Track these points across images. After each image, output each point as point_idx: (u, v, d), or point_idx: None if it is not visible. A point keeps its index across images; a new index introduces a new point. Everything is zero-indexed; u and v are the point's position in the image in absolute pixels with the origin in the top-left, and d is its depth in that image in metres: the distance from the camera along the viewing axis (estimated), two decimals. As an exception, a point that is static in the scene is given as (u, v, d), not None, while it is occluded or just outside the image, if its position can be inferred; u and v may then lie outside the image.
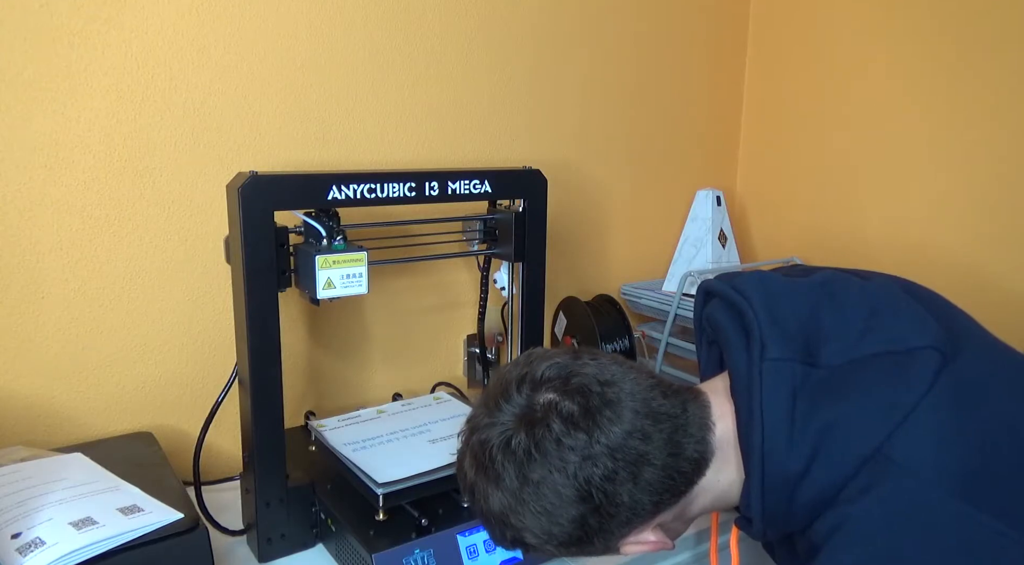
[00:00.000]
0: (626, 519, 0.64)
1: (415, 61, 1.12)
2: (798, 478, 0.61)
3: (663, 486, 0.63)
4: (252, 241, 0.76)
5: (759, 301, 0.67)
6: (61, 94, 0.89)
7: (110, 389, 0.97)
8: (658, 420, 0.64)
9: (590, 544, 0.65)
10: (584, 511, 0.62)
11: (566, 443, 0.61)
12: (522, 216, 0.96)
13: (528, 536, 0.65)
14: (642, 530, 0.66)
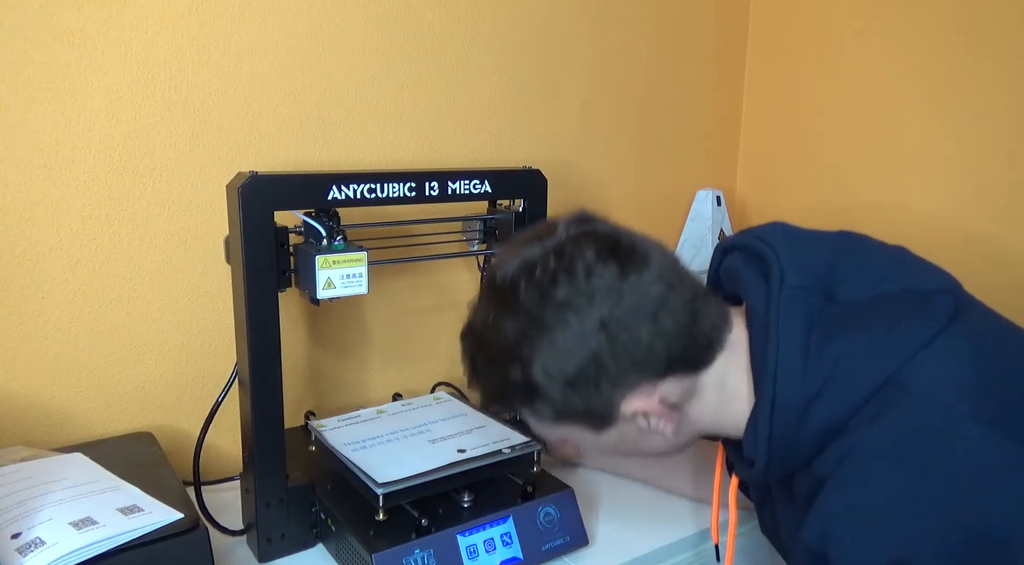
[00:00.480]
0: (638, 364, 0.62)
1: (415, 61, 1.12)
2: (809, 401, 0.60)
3: (679, 343, 0.63)
4: (252, 241, 0.76)
5: (781, 244, 0.67)
6: (61, 94, 0.89)
7: (110, 389, 0.97)
8: (683, 281, 0.64)
9: (596, 391, 0.63)
10: (601, 343, 0.61)
11: (596, 271, 0.61)
12: (522, 216, 0.96)
13: (536, 372, 0.62)
14: (649, 392, 0.64)
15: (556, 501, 0.86)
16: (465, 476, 0.83)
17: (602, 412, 0.65)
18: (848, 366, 0.60)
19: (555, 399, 0.64)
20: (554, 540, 0.85)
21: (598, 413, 0.65)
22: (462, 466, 0.83)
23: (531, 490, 0.86)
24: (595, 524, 0.92)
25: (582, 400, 0.64)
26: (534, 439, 0.90)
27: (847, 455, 0.58)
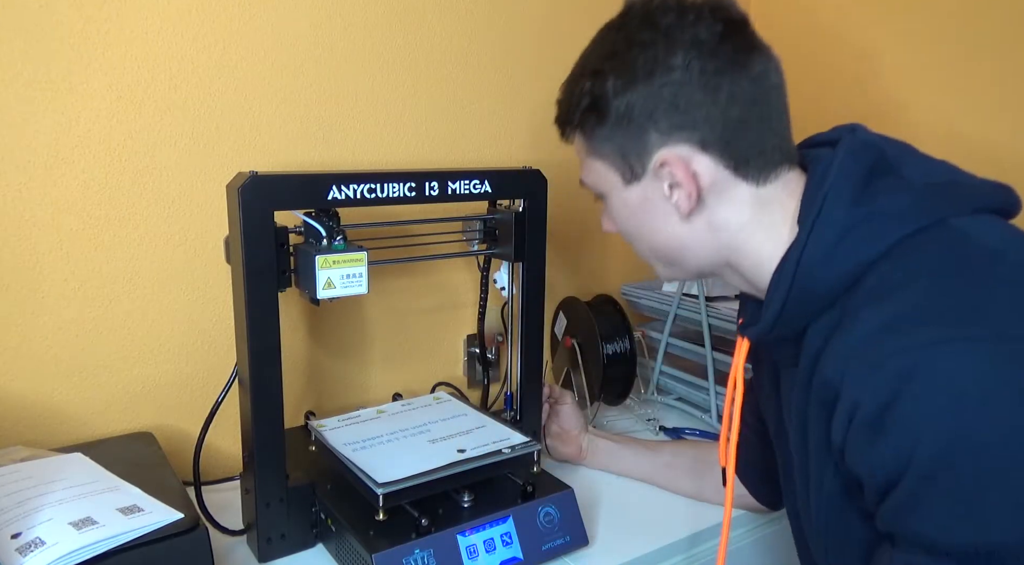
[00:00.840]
0: (689, 122, 0.63)
1: (415, 61, 1.12)
2: (848, 231, 0.59)
3: (734, 130, 0.63)
4: (252, 241, 0.76)
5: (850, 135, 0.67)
6: (61, 94, 0.89)
7: (110, 389, 0.97)
8: (768, 100, 0.65)
9: (641, 130, 0.64)
10: (668, 85, 0.63)
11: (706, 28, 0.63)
12: (522, 216, 0.96)
13: (604, 87, 0.66)
14: (686, 155, 0.64)
15: (556, 501, 0.86)
16: (465, 476, 0.83)
17: (638, 154, 0.66)
18: (895, 209, 0.59)
19: (606, 123, 0.67)
20: (554, 540, 0.85)
21: (635, 154, 0.66)
22: (462, 466, 0.83)
23: (531, 490, 0.86)
24: (595, 524, 0.92)
25: (626, 134, 0.66)
26: (534, 439, 0.90)
27: (883, 276, 0.57)
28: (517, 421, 1.02)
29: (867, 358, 0.54)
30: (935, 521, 0.52)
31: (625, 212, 0.72)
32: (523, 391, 1.02)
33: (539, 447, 0.89)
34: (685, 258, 0.71)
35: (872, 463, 0.54)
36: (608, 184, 0.71)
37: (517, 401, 1.03)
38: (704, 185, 0.65)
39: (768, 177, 0.66)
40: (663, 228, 0.69)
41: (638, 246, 0.75)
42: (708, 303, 1.25)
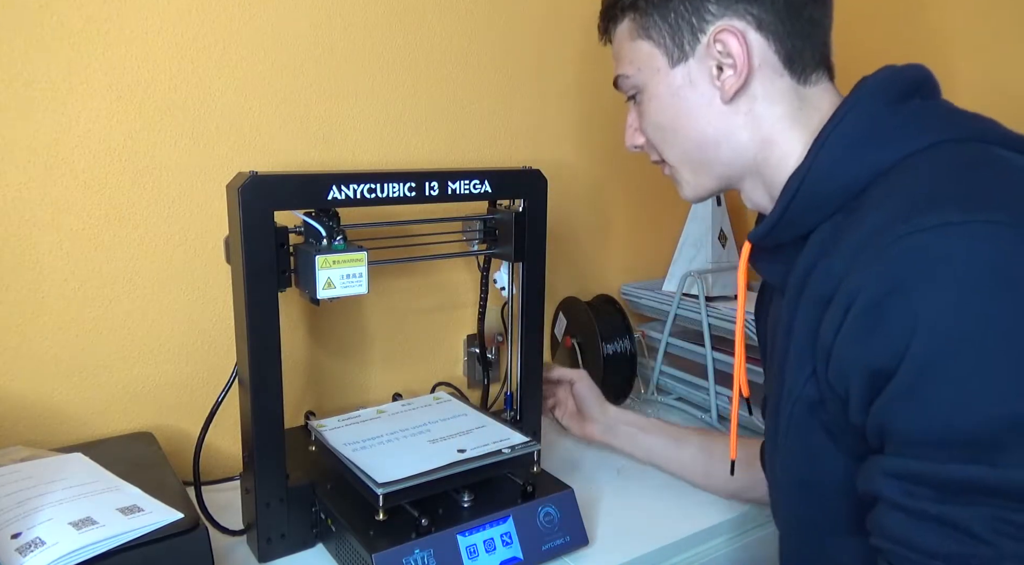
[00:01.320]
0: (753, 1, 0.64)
1: (415, 61, 1.12)
2: (886, 128, 0.59)
3: (791, 26, 0.64)
4: (252, 241, 0.76)
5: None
6: (61, 94, 0.89)
7: (110, 389, 0.97)
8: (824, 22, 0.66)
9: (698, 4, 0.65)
10: None
11: None
12: (522, 216, 0.96)
13: None
14: (742, 30, 0.64)
15: (556, 501, 0.86)
16: (465, 476, 0.83)
17: (693, 27, 0.66)
18: (922, 121, 0.58)
19: (663, 2, 0.67)
20: (554, 540, 0.85)
21: (689, 27, 0.66)
22: (462, 466, 0.83)
23: (531, 490, 0.86)
24: (595, 524, 0.92)
25: (685, 10, 0.66)
26: (534, 439, 0.90)
27: (893, 182, 0.56)
28: (517, 421, 1.02)
29: (876, 245, 0.51)
30: (931, 411, 0.49)
31: (665, 100, 0.70)
32: (523, 391, 1.02)
33: (539, 447, 0.89)
34: (717, 155, 0.69)
35: (868, 354, 0.51)
36: (651, 69, 0.70)
37: (517, 401, 1.03)
38: (754, 64, 0.65)
39: (810, 78, 0.66)
40: (702, 116, 0.68)
41: (669, 144, 0.72)
42: (708, 303, 1.25)
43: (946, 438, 0.48)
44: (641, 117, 0.74)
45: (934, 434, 0.49)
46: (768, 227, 0.66)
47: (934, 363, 0.48)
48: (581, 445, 1.17)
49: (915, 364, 0.49)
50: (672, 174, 0.76)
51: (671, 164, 0.74)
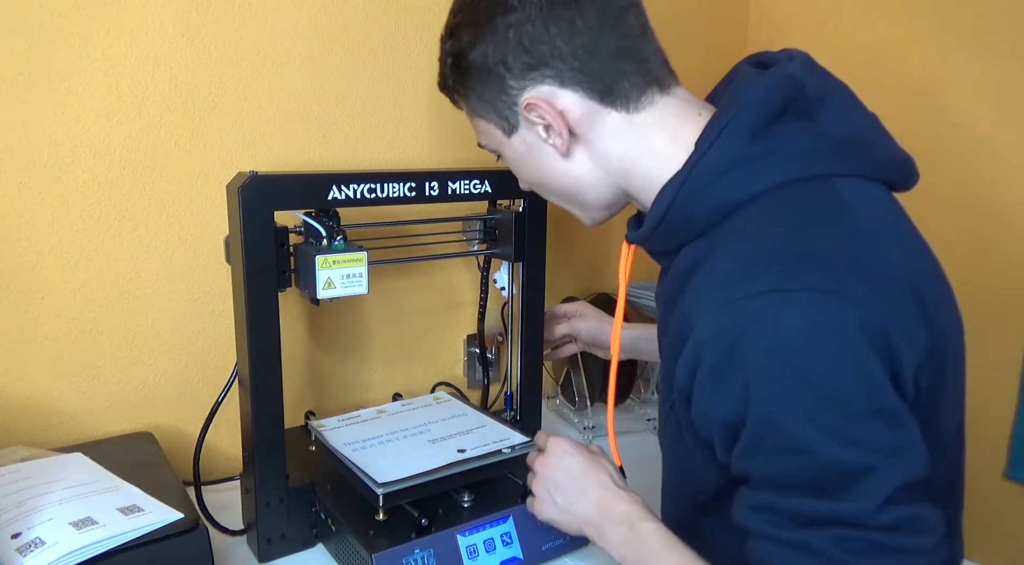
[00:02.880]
0: (541, 60, 0.64)
1: (415, 61, 1.12)
2: (745, 162, 0.61)
3: (580, 55, 0.64)
4: (252, 241, 0.76)
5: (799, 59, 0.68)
6: (61, 94, 0.89)
7: (110, 389, 0.97)
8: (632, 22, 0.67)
9: (502, 82, 0.66)
10: (513, 9, 0.64)
11: None
12: (522, 216, 0.96)
13: (461, 49, 0.68)
14: (550, 96, 0.65)
15: (556, 501, 0.86)
16: (465, 476, 0.83)
17: (506, 103, 0.68)
18: (785, 155, 0.61)
19: (471, 80, 0.69)
20: (554, 540, 0.85)
21: (504, 104, 0.68)
22: (462, 466, 0.83)
23: (531, 490, 0.86)
24: (595, 524, 0.92)
25: (490, 86, 0.68)
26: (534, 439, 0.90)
27: (750, 217, 0.60)
28: (517, 421, 1.02)
29: (717, 299, 0.57)
30: (776, 460, 0.56)
31: (518, 163, 0.74)
32: (523, 391, 1.02)
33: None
34: (586, 195, 0.73)
35: (720, 409, 0.58)
36: (496, 140, 0.74)
37: (517, 401, 1.03)
38: (573, 120, 0.67)
39: (639, 104, 0.66)
40: (553, 170, 0.71)
41: (544, 193, 0.77)
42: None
43: (794, 480, 0.56)
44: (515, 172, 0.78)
45: (784, 477, 0.56)
46: (642, 238, 0.69)
47: (770, 418, 0.55)
48: (581, 445, 1.17)
49: (756, 419, 0.55)
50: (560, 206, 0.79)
51: (555, 203, 0.79)
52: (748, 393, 0.55)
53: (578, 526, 0.74)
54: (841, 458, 0.54)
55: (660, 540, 0.67)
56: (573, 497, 0.74)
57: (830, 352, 0.53)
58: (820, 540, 0.55)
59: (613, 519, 0.71)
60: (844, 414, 0.53)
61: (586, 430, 1.18)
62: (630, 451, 1.14)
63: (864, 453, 0.53)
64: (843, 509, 0.54)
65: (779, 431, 0.55)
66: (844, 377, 0.53)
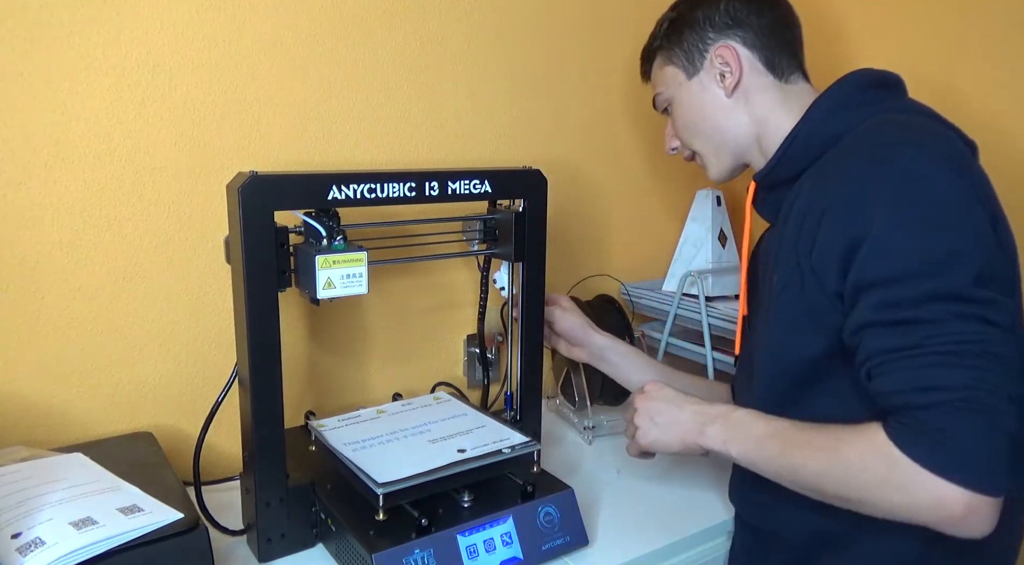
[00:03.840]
0: (738, 26, 0.90)
1: (415, 60, 1.12)
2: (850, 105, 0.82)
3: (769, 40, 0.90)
4: (252, 241, 0.76)
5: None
6: (61, 94, 0.89)
7: (110, 389, 0.97)
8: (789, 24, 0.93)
9: (702, 32, 0.91)
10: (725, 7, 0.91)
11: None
12: (522, 216, 0.96)
13: (680, 15, 0.94)
14: (737, 47, 0.90)
15: (556, 501, 0.86)
16: (465, 476, 0.83)
17: (700, 49, 0.92)
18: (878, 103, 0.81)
19: (680, 31, 0.94)
20: (554, 540, 0.85)
21: (698, 50, 0.92)
22: (462, 466, 0.83)
23: (531, 490, 0.86)
24: (595, 524, 0.92)
25: (693, 36, 0.92)
26: (534, 439, 0.90)
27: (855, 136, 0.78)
28: (517, 421, 1.02)
29: (841, 163, 0.76)
30: (894, 257, 0.68)
31: (687, 104, 0.95)
32: (523, 391, 1.02)
33: (539, 447, 0.89)
34: (730, 136, 0.93)
35: (845, 232, 0.71)
36: (676, 82, 0.95)
37: (517, 401, 1.03)
38: (744, 68, 0.90)
39: (789, 78, 0.91)
40: (715, 109, 0.92)
41: (695, 135, 0.96)
42: (708, 303, 1.25)
43: (902, 273, 0.67)
44: (673, 122, 0.99)
45: (896, 272, 0.68)
46: (768, 169, 0.88)
47: (889, 228, 0.68)
48: (581, 445, 1.17)
49: (877, 231, 0.69)
50: (701, 161, 0.99)
51: (699, 152, 0.98)
52: (872, 216, 0.69)
53: (680, 437, 0.86)
54: (935, 246, 0.67)
55: (752, 418, 0.80)
56: (672, 415, 0.87)
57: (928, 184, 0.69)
58: (928, 313, 0.65)
59: (709, 420, 0.83)
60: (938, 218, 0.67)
61: (586, 430, 1.18)
62: (630, 451, 1.14)
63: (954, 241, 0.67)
64: (951, 285, 0.65)
65: (897, 235, 0.68)
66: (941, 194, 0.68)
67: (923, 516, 0.64)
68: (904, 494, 0.64)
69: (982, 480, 0.61)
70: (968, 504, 0.61)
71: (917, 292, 0.66)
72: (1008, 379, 0.63)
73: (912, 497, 0.63)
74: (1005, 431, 0.62)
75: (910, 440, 0.64)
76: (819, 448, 0.71)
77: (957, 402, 0.62)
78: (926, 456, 0.62)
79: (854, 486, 0.68)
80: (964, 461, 0.61)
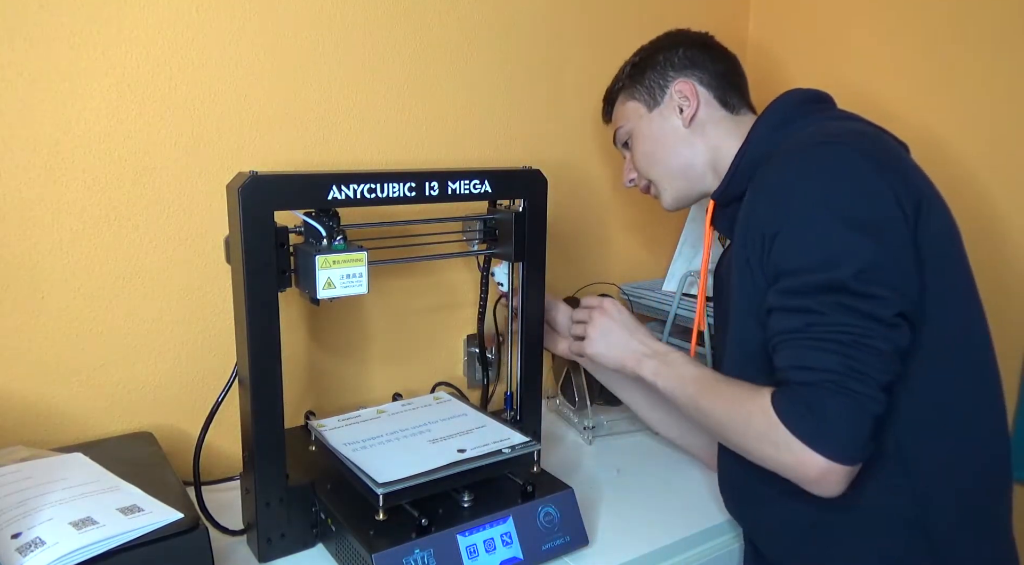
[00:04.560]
0: (696, 67, 1.00)
1: (415, 60, 1.12)
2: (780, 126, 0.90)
3: (722, 82, 1.00)
4: (252, 241, 0.76)
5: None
6: (61, 94, 0.89)
7: (110, 389, 0.97)
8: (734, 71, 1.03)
9: (662, 73, 1.01)
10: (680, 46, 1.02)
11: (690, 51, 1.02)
12: (522, 216, 0.96)
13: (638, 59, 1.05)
14: (693, 81, 0.99)
15: (556, 501, 0.86)
16: (465, 476, 0.83)
17: (661, 86, 1.01)
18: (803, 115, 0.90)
19: (642, 72, 1.03)
20: (554, 540, 0.85)
21: (659, 86, 1.02)
22: (462, 466, 0.83)
23: (531, 490, 0.86)
24: (595, 524, 0.92)
25: (655, 74, 1.02)
26: (534, 439, 0.90)
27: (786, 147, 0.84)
28: (517, 421, 1.02)
29: (774, 159, 0.83)
30: (796, 249, 0.76)
31: (647, 133, 1.03)
32: (523, 391, 1.02)
33: (539, 447, 0.89)
34: (686, 164, 1.01)
35: (763, 224, 0.79)
36: (637, 116, 1.04)
37: (517, 401, 1.03)
38: (702, 103, 0.99)
39: (739, 110, 1.01)
40: (674, 139, 1.00)
41: (654, 164, 1.03)
42: (708, 303, 1.25)
43: (805, 263, 0.75)
44: (633, 153, 1.06)
45: (797, 263, 0.76)
46: (722, 188, 0.95)
47: (798, 222, 0.76)
48: (581, 445, 1.17)
49: (789, 225, 0.77)
50: (655, 191, 1.06)
51: (655, 180, 1.05)
52: (785, 208, 0.77)
53: (621, 360, 0.96)
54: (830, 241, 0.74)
55: (684, 361, 0.90)
56: (622, 339, 0.97)
57: (844, 174, 0.76)
58: (818, 303, 0.73)
59: (650, 354, 0.94)
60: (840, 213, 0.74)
61: (586, 430, 1.18)
62: (630, 451, 1.14)
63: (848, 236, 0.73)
64: (838, 279, 0.72)
65: (800, 229, 0.76)
66: (848, 189, 0.75)
67: (786, 472, 0.74)
68: (775, 450, 0.73)
69: (836, 451, 0.70)
70: (823, 468, 0.70)
71: (809, 282, 0.74)
72: (882, 369, 0.71)
73: (781, 454, 0.73)
74: (870, 414, 0.70)
75: (785, 408, 0.73)
76: (724, 398, 0.82)
77: (826, 383, 0.71)
78: (794, 423, 0.72)
79: (740, 435, 0.78)
80: (824, 433, 0.70)
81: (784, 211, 0.78)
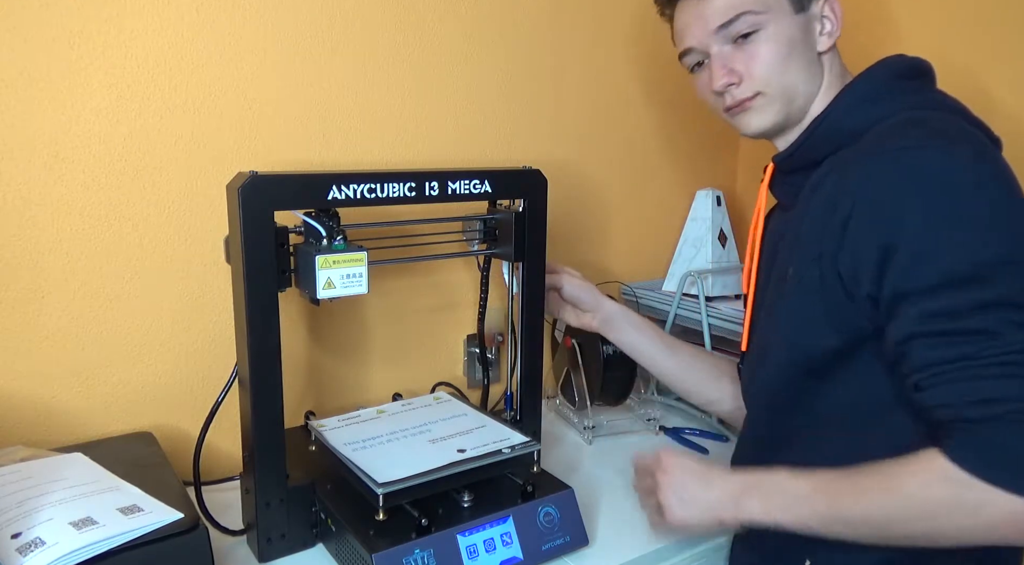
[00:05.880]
0: None
1: (415, 60, 1.12)
2: (876, 98, 0.80)
3: None
4: (252, 241, 0.76)
5: None
6: (61, 94, 0.89)
7: (110, 389, 0.97)
8: None
9: None
10: None
11: None
12: (522, 216, 0.96)
13: None
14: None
15: (556, 501, 0.86)
16: (465, 476, 0.83)
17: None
18: (902, 91, 0.79)
19: None
20: (554, 540, 0.85)
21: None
22: (462, 466, 0.83)
23: (531, 490, 0.86)
24: (595, 524, 0.92)
25: None
26: (534, 439, 0.90)
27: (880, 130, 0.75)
28: (517, 421, 1.02)
29: (867, 161, 0.72)
30: (933, 265, 0.66)
31: (784, 37, 0.84)
32: (523, 391, 1.02)
33: (539, 447, 0.89)
34: (802, 89, 0.85)
35: (876, 235, 0.69)
36: (780, 8, 0.84)
37: (517, 401, 1.03)
38: (839, 32, 0.85)
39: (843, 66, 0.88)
40: (806, 58, 0.85)
41: (777, 73, 0.85)
42: (708, 303, 1.25)
43: (948, 280, 0.65)
44: (755, 50, 0.85)
45: (939, 279, 0.66)
46: (788, 153, 0.85)
47: (924, 233, 0.67)
48: (581, 445, 1.17)
49: (912, 237, 0.67)
50: (754, 105, 0.86)
51: (771, 92, 0.85)
52: (903, 220, 0.67)
53: (714, 514, 0.80)
54: (990, 257, 0.65)
55: (787, 478, 0.75)
56: (699, 493, 0.81)
57: (959, 187, 0.67)
58: (981, 321, 0.64)
59: (741, 492, 0.78)
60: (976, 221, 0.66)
61: (586, 430, 1.18)
62: (630, 451, 1.14)
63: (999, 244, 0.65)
64: (1002, 293, 0.64)
65: (932, 242, 0.66)
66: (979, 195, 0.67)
67: (998, 534, 0.63)
68: (975, 516, 0.62)
69: None
70: None
71: (965, 300, 0.64)
72: None
73: (985, 517, 0.62)
74: None
75: (973, 458, 0.62)
76: (871, 490, 0.68)
77: (1015, 415, 0.61)
78: (995, 473, 0.61)
79: (920, 519, 0.66)
80: None
81: (899, 220, 0.67)
